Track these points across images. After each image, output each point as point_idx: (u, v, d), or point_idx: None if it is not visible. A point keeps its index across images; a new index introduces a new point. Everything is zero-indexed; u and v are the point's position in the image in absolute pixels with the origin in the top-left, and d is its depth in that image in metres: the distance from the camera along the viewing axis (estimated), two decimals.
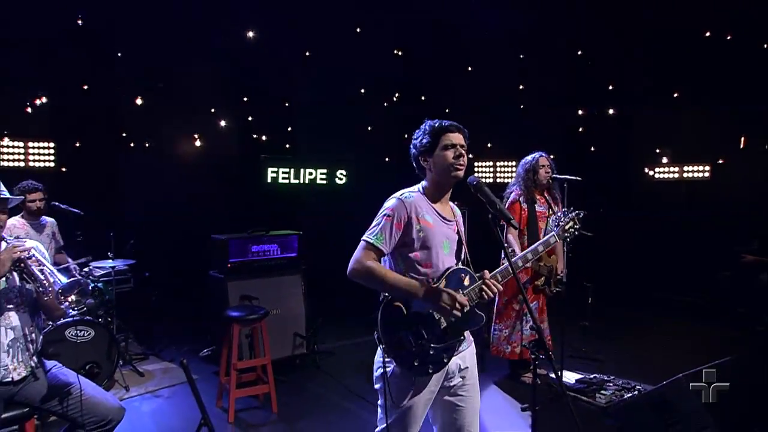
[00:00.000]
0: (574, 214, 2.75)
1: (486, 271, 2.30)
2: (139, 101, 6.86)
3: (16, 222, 4.62)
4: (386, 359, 2.24)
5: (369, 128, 8.49)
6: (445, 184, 2.34)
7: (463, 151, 2.29)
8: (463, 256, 2.39)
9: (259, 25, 7.23)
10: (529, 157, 4.48)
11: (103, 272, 5.01)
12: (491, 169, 8.80)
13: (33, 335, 2.55)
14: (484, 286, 2.24)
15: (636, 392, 4.23)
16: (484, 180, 8.59)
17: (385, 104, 8.51)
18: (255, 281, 5.01)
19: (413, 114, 8.13)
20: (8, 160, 6.15)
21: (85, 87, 6.56)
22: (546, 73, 7.96)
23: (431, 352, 2.20)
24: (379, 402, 2.30)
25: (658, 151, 7.77)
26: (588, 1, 7.35)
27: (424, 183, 2.38)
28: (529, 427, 3.79)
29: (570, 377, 4.58)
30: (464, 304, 2.15)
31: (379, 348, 2.26)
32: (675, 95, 7.43)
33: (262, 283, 5.03)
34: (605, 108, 7.94)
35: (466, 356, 2.37)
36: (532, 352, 2.14)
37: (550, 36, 7.74)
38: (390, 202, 2.29)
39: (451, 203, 2.45)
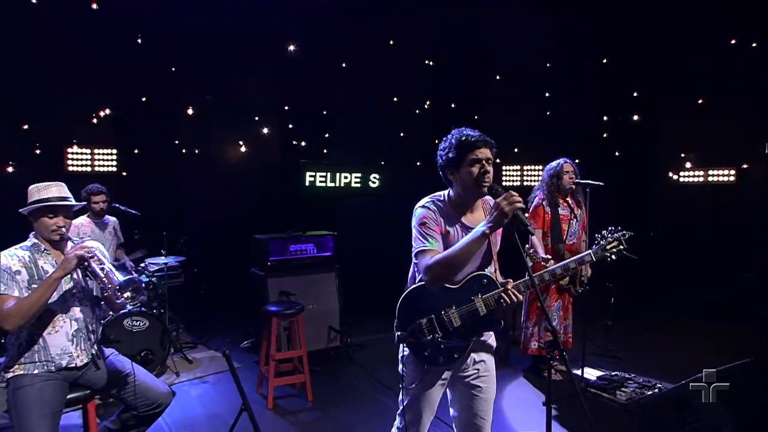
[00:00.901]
0: (620, 234, 2.52)
1: (510, 281, 2.26)
2: (190, 111, 7.05)
3: (83, 220, 4.83)
4: (402, 347, 2.28)
5: (401, 134, 8.49)
6: (470, 198, 2.28)
7: (489, 167, 2.20)
8: (490, 261, 2.33)
9: (299, 40, 7.33)
10: (553, 163, 4.41)
11: (157, 268, 5.12)
12: (518, 173, 8.65)
13: (94, 326, 2.65)
14: (503, 294, 2.20)
15: (656, 390, 4.12)
16: (505, 185, 8.58)
17: (417, 111, 8.48)
18: (293, 278, 5.04)
19: (443, 121, 8.15)
20: (77, 165, 6.44)
21: (144, 99, 6.76)
22: (572, 81, 7.78)
23: (442, 347, 2.21)
24: (400, 385, 2.34)
25: (683, 155, 7.47)
26: (614, 10, 7.14)
27: (450, 192, 2.32)
28: (553, 419, 3.77)
29: (592, 374, 4.48)
30: (514, 194, 2.07)
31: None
32: (700, 101, 7.12)
33: (299, 280, 5.06)
34: (630, 114, 7.68)
35: (484, 348, 2.35)
36: (548, 351, 2.11)
37: (576, 45, 7.56)
38: (419, 212, 2.27)
39: (489, 201, 2.31)
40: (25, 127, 6.05)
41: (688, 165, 7.49)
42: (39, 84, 5.91)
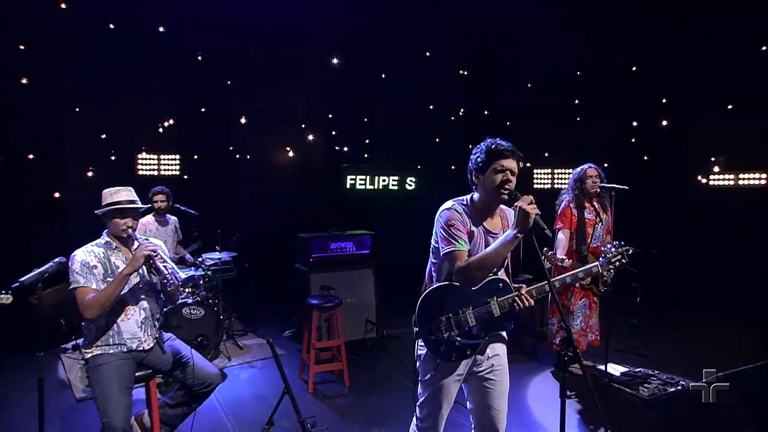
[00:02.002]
0: (623, 249, 2.55)
1: (524, 286, 2.26)
2: (243, 120, 7.30)
3: (148, 219, 5.06)
4: (419, 343, 2.29)
5: (436, 140, 8.48)
6: (490, 203, 2.27)
7: (512, 177, 2.19)
8: (503, 264, 2.31)
9: (342, 53, 7.45)
10: (578, 168, 4.32)
11: (212, 262, 5.24)
12: (549, 176, 8.47)
13: (157, 315, 2.82)
14: (517, 299, 2.20)
15: (679, 387, 3.97)
16: (537, 188, 8.40)
17: (452, 118, 8.44)
18: (333, 274, 5.06)
19: (475, 127, 8.10)
20: (146, 169, 6.81)
21: (202, 110, 7.07)
22: (601, 89, 7.55)
23: (456, 344, 2.21)
24: (419, 378, 2.36)
25: (713, 159, 7.10)
26: (641, 20, 6.87)
27: (474, 196, 2.32)
28: (575, 413, 3.72)
29: (616, 370, 4.37)
30: (530, 199, 2.10)
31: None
32: (729, 107, 6.76)
33: (338, 276, 5.08)
34: (659, 120, 7.37)
35: (497, 346, 2.35)
36: (562, 348, 2.09)
37: (605, 54, 7.34)
38: (445, 213, 2.25)
39: (506, 210, 2.35)
40: (103, 136, 6.44)
41: (716, 169, 7.09)
42: (114, 98, 6.28)
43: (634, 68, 7.42)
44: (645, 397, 3.89)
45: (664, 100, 7.33)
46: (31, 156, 5.94)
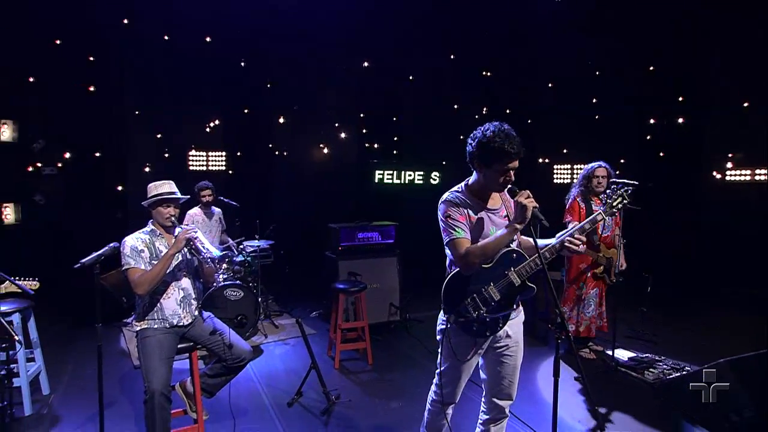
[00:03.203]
0: (622, 189, 2.39)
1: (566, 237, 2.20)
2: (281, 120, 7.46)
3: (196, 211, 5.24)
4: (449, 323, 2.26)
5: (460, 137, 8.37)
6: (490, 191, 2.25)
7: (512, 175, 2.13)
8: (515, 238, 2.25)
9: (372, 57, 7.47)
10: (588, 166, 4.23)
11: (252, 249, 5.40)
12: (569, 172, 8.24)
13: (196, 293, 2.95)
14: (567, 244, 2.16)
15: (684, 372, 3.86)
16: (557, 182, 8.17)
17: (476, 117, 8.33)
18: (360, 261, 5.10)
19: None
20: (195, 165, 7.07)
21: (245, 111, 7.27)
22: (619, 87, 7.26)
23: (487, 320, 2.19)
24: (438, 350, 2.38)
25: (730, 155, 6.71)
26: (659, 19, 6.53)
27: (471, 179, 2.26)
28: (578, 392, 3.67)
29: (623, 355, 4.27)
30: (528, 194, 2.07)
31: (441, 311, 2.29)
32: (745, 104, 6.35)
33: (365, 263, 5.12)
34: (675, 117, 7.02)
35: (513, 325, 2.33)
36: (555, 332, 2.06)
37: (622, 54, 7.05)
38: (444, 206, 2.23)
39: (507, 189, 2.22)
40: (158, 136, 6.74)
41: (729, 165, 6.71)
42: (168, 102, 6.55)
43: (651, 68, 7.09)
44: (650, 381, 3.80)
45: (680, 99, 6.98)
46: (97, 154, 6.29)
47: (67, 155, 6.20)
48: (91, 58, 6.13)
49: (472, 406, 3.18)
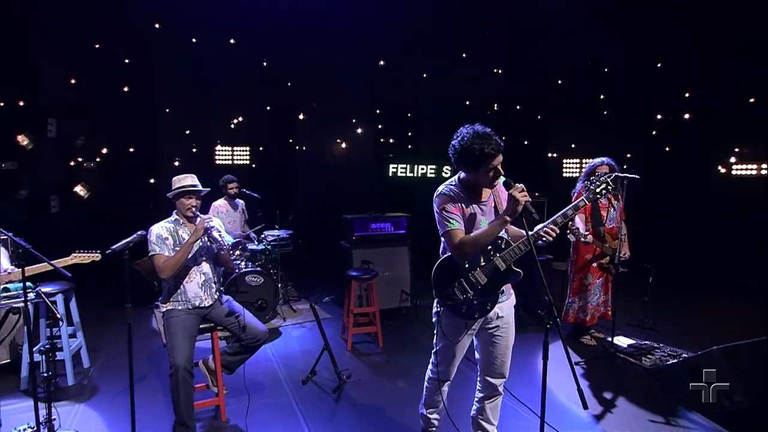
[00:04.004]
0: (605, 176, 2.36)
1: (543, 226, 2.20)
2: (301, 117, 7.54)
3: (221, 202, 5.39)
4: (440, 306, 2.35)
5: None
6: (480, 186, 2.27)
7: (501, 169, 2.14)
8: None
9: (388, 56, 7.47)
10: (593, 161, 4.18)
11: (272, 238, 5.51)
12: (577, 166, 8.09)
13: (215, 278, 3.06)
14: (542, 233, 2.17)
15: (680, 359, 3.81)
16: (565, 176, 8.03)
17: (488, 112, 8.25)
18: (372, 250, 5.15)
19: (508, 121, 7.87)
20: (221, 160, 7.25)
21: (267, 108, 7.38)
22: (626, 83, 7.07)
23: (475, 302, 2.24)
24: (434, 332, 2.44)
25: (737, 150, 6.46)
26: (666, 17, 6.30)
27: (462, 175, 2.27)
28: (580, 376, 3.68)
29: (623, 342, 4.25)
30: (522, 188, 2.06)
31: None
32: (751, 100, 6.08)
33: (377, 252, 5.16)
34: (681, 112, 6.79)
35: (504, 307, 2.37)
36: (545, 318, 2.07)
37: (630, 50, 6.85)
38: (439, 199, 2.26)
39: (500, 180, 2.18)
40: (187, 132, 6.92)
41: (732, 160, 6.46)
42: (196, 100, 6.72)
43: (659, 65, 6.87)
44: (647, 367, 3.77)
45: (687, 95, 6.75)
46: (132, 149, 6.51)
47: (105, 150, 6.44)
48: (126, 61, 6.33)
49: (468, 384, 3.23)
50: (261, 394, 3.47)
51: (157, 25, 6.33)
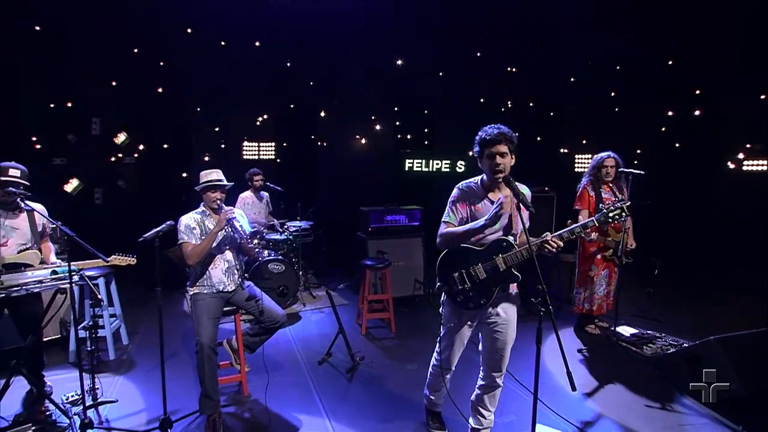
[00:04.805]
0: (621, 203, 2.38)
1: (548, 234, 2.24)
2: (323, 114, 7.63)
3: (247, 194, 5.54)
4: (443, 294, 2.45)
5: None
6: (491, 181, 2.33)
7: (500, 159, 2.19)
8: (514, 228, 2.34)
9: (406, 55, 7.44)
10: (598, 156, 4.12)
11: (294, 229, 5.60)
12: (588, 161, 7.90)
13: (238, 265, 3.19)
14: (545, 244, 2.20)
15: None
16: (577, 171, 7.85)
17: (502, 109, 8.14)
18: (387, 241, 5.22)
19: (522, 117, 7.76)
20: (248, 155, 7.37)
21: (291, 106, 7.48)
22: (638, 80, 6.85)
23: (471, 294, 2.32)
24: (441, 321, 2.54)
25: (748, 146, 6.18)
26: (678, 11, 6.04)
27: (483, 176, 2.39)
28: (579, 362, 3.68)
29: (626, 331, 4.22)
30: (512, 204, 2.18)
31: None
32: (762, 97, 5.79)
33: (392, 243, 5.23)
34: (692, 109, 6.51)
35: (505, 306, 2.42)
36: (537, 306, 2.08)
37: (641, 49, 6.62)
38: (454, 192, 2.40)
39: (518, 186, 2.21)
40: (216, 129, 7.12)
41: (740, 156, 6.18)
42: (224, 99, 6.88)
43: (670, 62, 6.62)
44: (647, 355, 3.74)
45: (698, 91, 6.48)
46: (165, 146, 6.76)
47: (142, 147, 6.71)
48: (161, 63, 6.54)
49: (473, 368, 3.28)
50: (280, 372, 3.62)
51: (189, 30, 6.51)
